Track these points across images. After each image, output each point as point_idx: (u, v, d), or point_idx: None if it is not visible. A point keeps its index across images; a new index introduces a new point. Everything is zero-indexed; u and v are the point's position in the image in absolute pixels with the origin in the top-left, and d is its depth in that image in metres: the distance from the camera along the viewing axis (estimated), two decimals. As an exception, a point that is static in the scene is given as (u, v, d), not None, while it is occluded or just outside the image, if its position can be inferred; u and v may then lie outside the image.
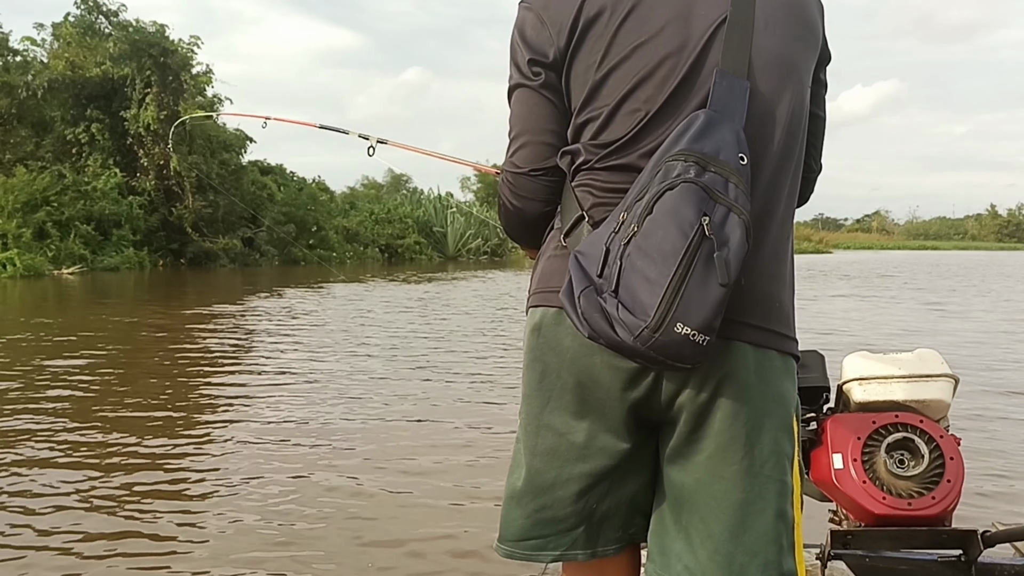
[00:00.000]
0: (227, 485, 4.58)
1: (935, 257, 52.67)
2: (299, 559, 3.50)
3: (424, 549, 3.61)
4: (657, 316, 1.14)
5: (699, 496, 1.31)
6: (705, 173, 1.19)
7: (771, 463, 1.29)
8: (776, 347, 1.31)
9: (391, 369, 8.47)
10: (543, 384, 1.38)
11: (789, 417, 1.33)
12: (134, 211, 26.63)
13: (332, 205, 37.00)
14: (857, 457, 1.89)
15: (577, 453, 1.36)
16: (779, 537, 1.29)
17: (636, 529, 1.43)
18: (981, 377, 7.65)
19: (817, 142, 1.53)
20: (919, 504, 1.83)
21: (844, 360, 2.05)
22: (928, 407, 1.95)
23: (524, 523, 1.41)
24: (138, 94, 27.46)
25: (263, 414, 6.30)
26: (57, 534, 3.76)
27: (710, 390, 1.28)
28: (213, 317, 13.27)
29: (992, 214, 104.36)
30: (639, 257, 1.18)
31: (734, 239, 1.17)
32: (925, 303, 16.82)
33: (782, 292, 1.34)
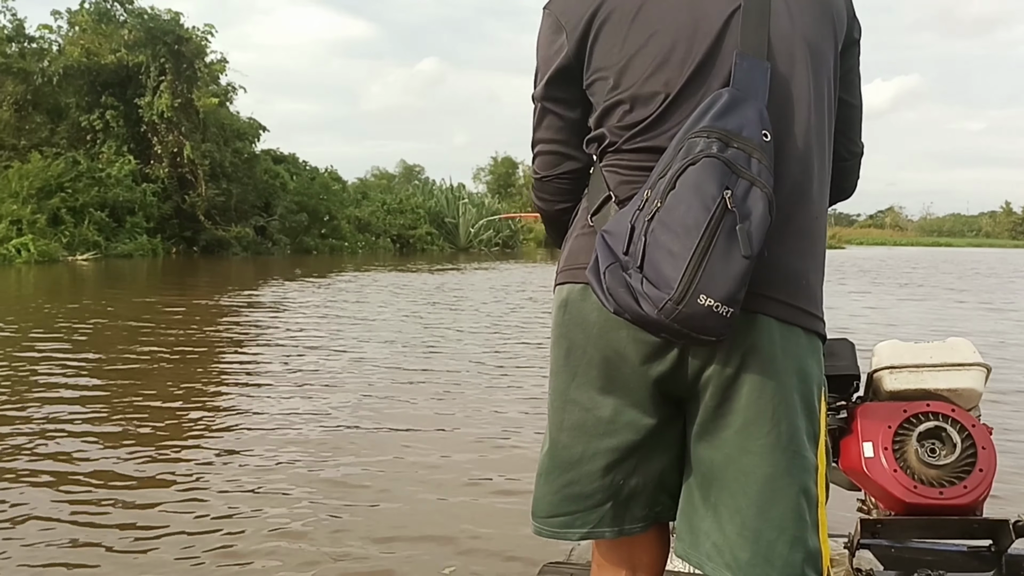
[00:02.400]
0: (238, 472, 4.59)
1: (949, 255, 52.36)
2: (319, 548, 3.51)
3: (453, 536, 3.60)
4: (680, 288, 1.16)
5: (728, 472, 1.31)
6: (728, 149, 1.20)
7: (796, 439, 1.29)
8: (802, 324, 1.31)
9: (403, 358, 8.48)
10: (569, 360, 1.40)
11: (813, 394, 1.32)
12: (148, 198, 26.73)
13: (344, 195, 37.03)
14: (888, 446, 1.87)
15: (603, 428, 1.37)
16: (804, 514, 1.29)
17: (662, 508, 1.43)
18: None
19: (850, 129, 1.54)
20: (950, 493, 1.82)
21: (875, 348, 2.04)
22: (960, 396, 1.93)
23: (552, 499, 1.43)
24: (152, 81, 27.52)
25: (273, 403, 6.30)
26: (62, 522, 3.77)
27: (736, 364, 1.28)
28: (226, 305, 13.32)
29: (1007, 211, 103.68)
30: (662, 232, 1.19)
31: (756, 212, 1.18)
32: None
33: (810, 270, 1.34)
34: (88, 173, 25.64)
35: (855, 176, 1.62)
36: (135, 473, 4.49)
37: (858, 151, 1.58)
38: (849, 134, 1.54)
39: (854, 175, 1.62)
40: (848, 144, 1.55)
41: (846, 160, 1.56)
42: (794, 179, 1.31)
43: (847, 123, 1.53)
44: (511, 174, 59.42)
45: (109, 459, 4.72)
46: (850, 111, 1.52)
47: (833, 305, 14.51)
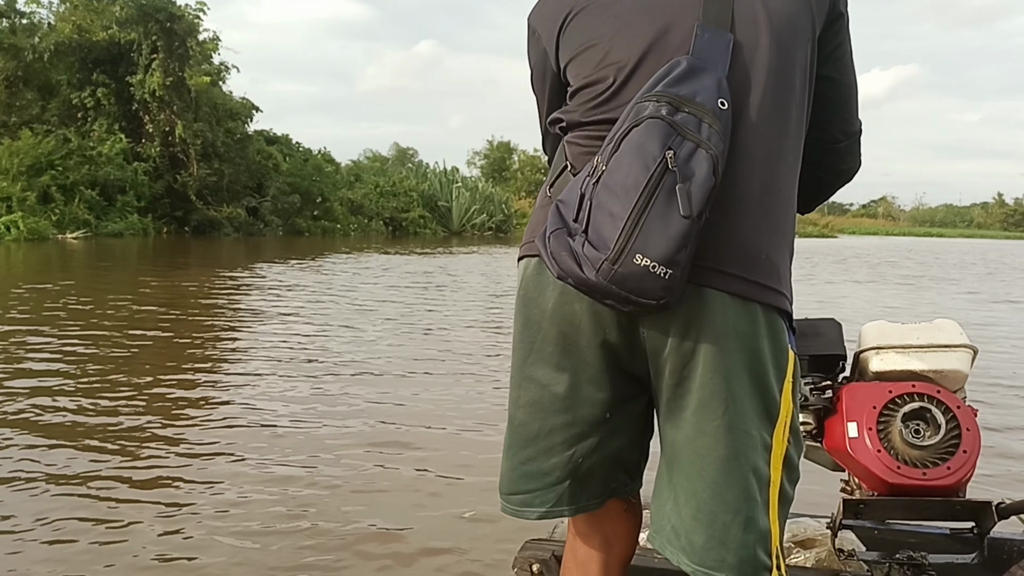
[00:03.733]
0: (228, 459, 4.57)
1: (941, 245, 52.52)
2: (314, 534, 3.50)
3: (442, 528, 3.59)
4: (616, 248, 1.15)
5: (685, 453, 1.29)
6: (678, 113, 1.19)
7: (748, 419, 1.26)
8: (760, 299, 1.27)
9: (396, 340, 8.47)
10: (525, 335, 1.39)
11: (768, 373, 1.28)
12: (139, 177, 26.54)
13: (337, 177, 36.84)
14: (872, 426, 1.86)
15: (560, 404, 1.35)
16: (755, 494, 1.27)
17: (617, 485, 1.42)
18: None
19: (843, 109, 1.50)
20: (934, 474, 1.81)
21: (862, 329, 2.03)
22: (946, 377, 1.92)
23: (512, 476, 1.42)
24: (144, 59, 27.27)
25: (264, 384, 6.29)
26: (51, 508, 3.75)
27: (691, 341, 1.25)
28: (216, 286, 13.27)
29: (999, 203, 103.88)
30: (605, 194, 1.19)
31: (700, 173, 1.16)
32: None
33: (770, 245, 1.29)
34: (79, 151, 25.42)
35: (855, 157, 1.57)
36: (119, 446, 4.48)
37: (854, 131, 1.54)
38: (843, 114, 1.50)
39: (854, 156, 1.57)
40: (842, 124, 1.51)
41: (841, 141, 1.53)
42: (753, 152, 1.28)
43: (839, 102, 1.49)
44: (506, 159, 59.24)
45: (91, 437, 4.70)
46: (841, 90, 1.48)
47: (822, 288, 14.55)
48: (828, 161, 1.55)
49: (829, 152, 1.53)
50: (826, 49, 1.42)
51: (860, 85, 1.53)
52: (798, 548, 2.07)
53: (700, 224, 1.17)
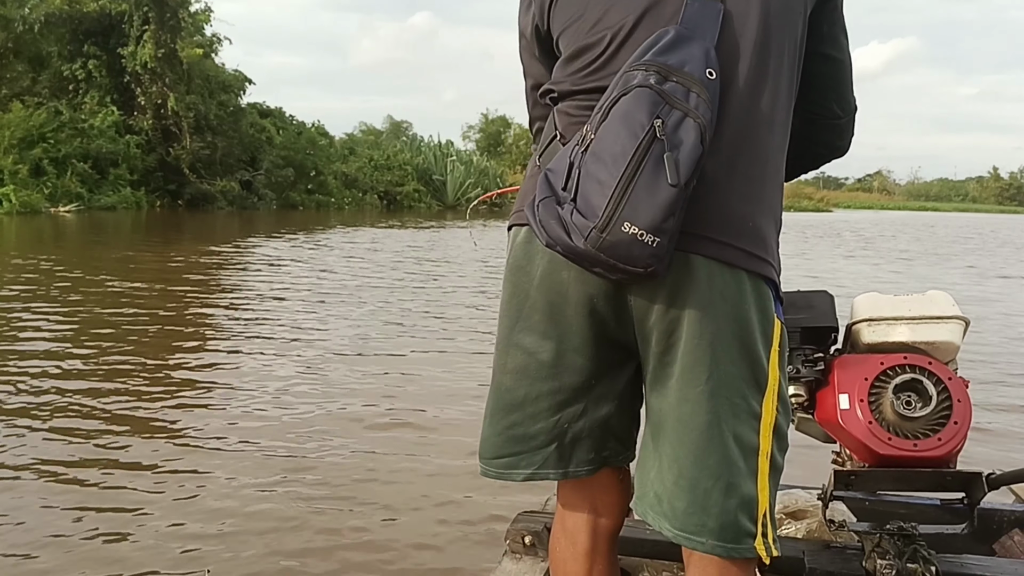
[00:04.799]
0: (220, 442, 4.58)
1: (936, 219, 52.58)
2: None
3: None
4: (605, 216, 1.15)
5: (669, 420, 1.29)
6: (666, 82, 1.19)
7: (733, 386, 1.26)
8: (746, 266, 1.27)
9: (388, 317, 8.46)
10: (512, 303, 1.39)
11: (755, 340, 1.28)
12: (131, 150, 26.39)
13: (331, 150, 36.67)
14: (864, 398, 1.86)
15: (546, 372, 1.36)
16: (738, 460, 1.27)
17: (610, 453, 1.42)
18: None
19: (840, 85, 1.51)
20: (924, 445, 1.81)
21: (854, 301, 2.02)
22: (937, 349, 1.91)
23: (496, 440, 1.43)
24: (136, 31, 27.02)
25: (255, 366, 6.27)
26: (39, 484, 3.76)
27: (677, 308, 1.26)
28: (210, 261, 13.24)
29: (994, 176, 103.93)
30: (593, 162, 1.19)
31: (688, 142, 1.17)
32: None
33: (756, 214, 1.29)
34: (71, 124, 25.25)
35: (850, 133, 1.59)
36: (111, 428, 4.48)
37: (851, 108, 1.55)
38: (839, 90, 1.52)
39: (848, 132, 1.59)
40: (840, 102, 1.53)
41: (840, 118, 1.55)
42: (741, 122, 1.28)
43: (836, 79, 1.50)
44: (502, 132, 58.97)
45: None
46: (839, 67, 1.50)
47: (816, 264, 14.57)
48: (826, 137, 1.58)
49: (828, 128, 1.56)
50: (822, 27, 1.42)
51: (858, 58, 1.52)
52: (789, 519, 2.08)
53: (688, 192, 1.17)
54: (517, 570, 1.94)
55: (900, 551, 1.83)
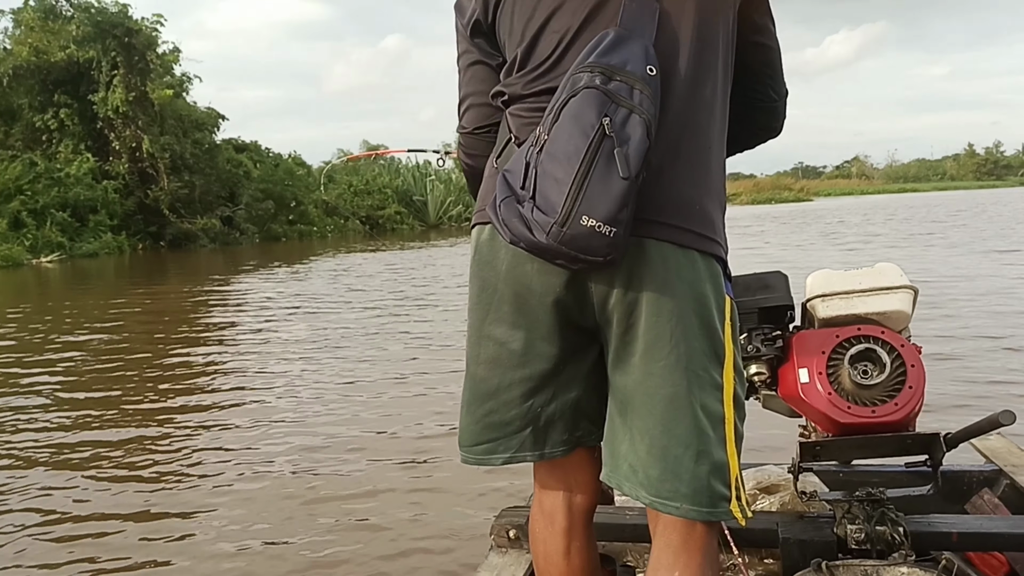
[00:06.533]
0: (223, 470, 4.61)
1: (916, 200, 52.94)
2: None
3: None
4: (564, 211, 1.22)
5: (636, 395, 1.36)
6: (611, 82, 1.27)
7: (696, 359, 1.34)
8: (697, 247, 1.35)
9: (387, 341, 8.50)
10: (482, 297, 1.46)
11: (712, 316, 1.36)
12: (109, 195, 26.31)
13: (309, 179, 36.63)
14: (822, 370, 1.92)
15: (517, 360, 1.44)
16: (707, 429, 1.34)
17: (583, 433, 1.50)
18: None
19: (772, 71, 1.61)
20: (882, 411, 1.87)
21: (808, 278, 2.08)
22: (889, 318, 1.98)
23: (474, 428, 1.50)
24: (105, 76, 27.00)
25: (258, 397, 6.32)
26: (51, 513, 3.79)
27: (635, 290, 1.33)
28: (196, 301, 13.25)
29: (970, 153, 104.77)
30: (549, 161, 1.26)
31: (635, 137, 1.24)
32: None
33: (703, 197, 1.38)
34: (47, 174, 25.18)
35: (783, 114, 1.69)
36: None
37: (784, 91, 1.65)
38: (772, 75, 1.62)
39: (782, 114, 1.69)
40: (774, 86, 1.62)
41: (775, 101, 1.64)
42: (682, 112, 1.36)
43: (768, 65, 1.60)
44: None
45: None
46: (771, 54, 1.59)
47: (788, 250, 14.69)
48: (763, 120, 1.68)
49: (764, 112, 1.66)
50: (752, 17, 1.51)
51: (830, 46, 1.61)
52: (763, 494, 2.15)
53: (639, 183, 1.25)
54: (503, 563, 2.00)
55: (869, 515, 1.90)
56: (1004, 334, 6.94)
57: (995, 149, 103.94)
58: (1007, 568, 2.09)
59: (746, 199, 69.23)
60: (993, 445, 2.58)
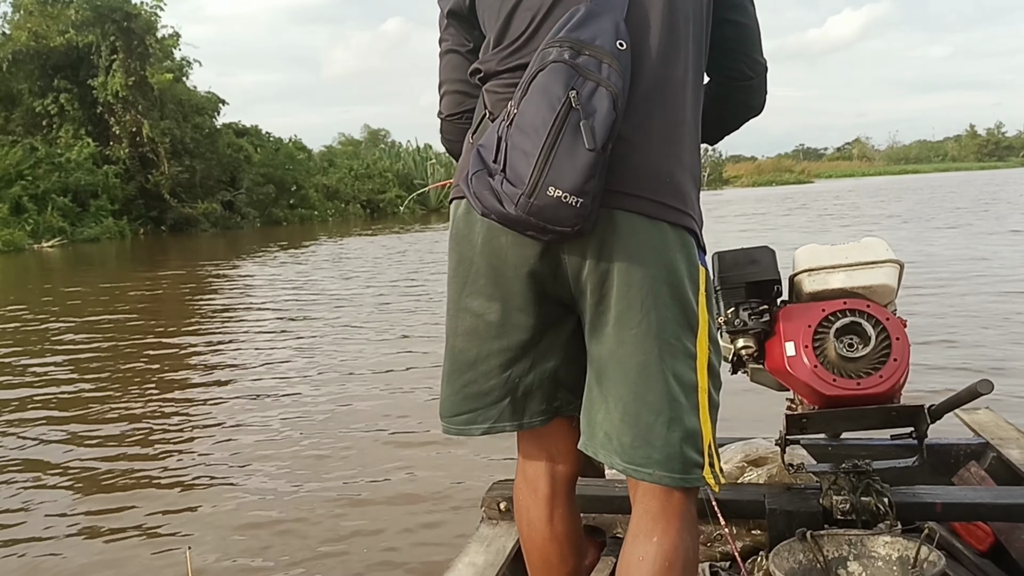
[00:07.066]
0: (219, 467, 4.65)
1: (917, 181, 52.84)
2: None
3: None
4: (531, 182, 1.25)
5: (610, 364, 1.39)
6: (580, 56, 1.29)
7: (667, 328, 1.35)
8: (668, 219, 1.37)
9: (386, 329, 8.53)
10: (459, 271, 1.49)
11: (684, 286, 1.38)
12: (110, 180, 26.35)
13: (310, 164, 36.65)
14: (808, 344, 1.93)
15: (494, 332, 1.46)
16: (679, 397, 1.36)
17: (561, 402, 1.53)
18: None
19: (749, 48, 1.61)
20: (867, 383, 1.88)
21: (795, 253, 2.10)
22: (875, 292, 1.99)
23: (454, 399, 1.53)
24: (104, 61, 26.98)
25: (256, 386, 6.32)
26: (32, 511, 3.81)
27: (607, 260, 1.35)
28: (196, 284, 13.28)
29: (971, 134, 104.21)
30: (517, 134, 1.28)
31: (601, 109, 1.26)
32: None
33: (675, 170, 1.39)
34: (47, 159, 25.22)
35: (763, 93, 1.69)
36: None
37: (761, 68, 1.64)
38: (748, 53, 1.61)
39: (762, 92, 1.68)
40: (749, 63, 1.62)
41: (751, 79, 1.64)
42: (654, 87, 1.37)
43: (745, 43, 1.60)
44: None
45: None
46: (746, 32, 1.59)
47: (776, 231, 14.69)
48: (739, 97, 1.68)
49: (739, 89, 1.66)
50: None
51: (833, 27, 1.61)
52: (751, 467, 2.18)
53: (606, 155, 1.27)
54: (494, 534, 2.03)
55: (855, 486, 1.93)
56: (989, 310, 7.01)
57: (996, 130, 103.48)
58: (992, 539, 2.12)
59: (747, 181, 69.11)
60: (981, 419, 2.61)
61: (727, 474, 2.17)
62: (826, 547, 1.79)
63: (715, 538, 2.08)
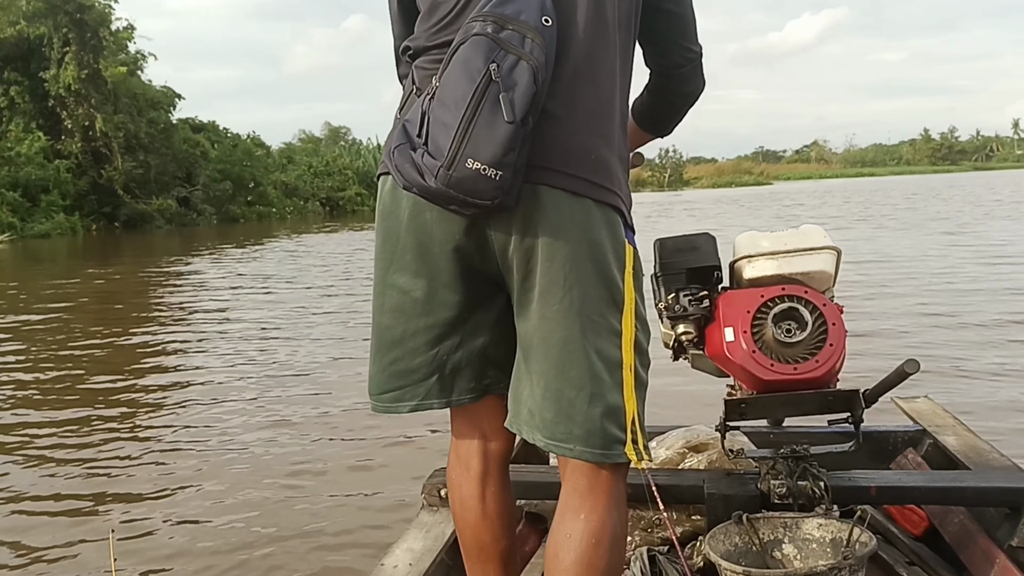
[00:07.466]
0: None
1: (873, 184, 53.78)
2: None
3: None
4: (450, 154, 1.24)
5: (534, 340, 1.38)
6: (503, 31, 1.28)
7: (590, 304, 1.35)
8: (591, 196, 1.36)
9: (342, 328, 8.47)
10: (385, 247, 1.47)
11: (608, 263, 1.37)
12: (62, 175, 25.88)
13: (269, 160, 36.32)
14: (747, 329, 1.94)
15: (420, 308, 1.45)
16: (602, 373, 1.35)
17: (491, 380, 1.51)
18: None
19: (682, 36, 1.61)
20: (804, 368, 1.89)
21: (735, 240, 2.11)
22: (813, 279, 2.01)
23: (381, 376, 1.51)
24: (56, 53, 26.50)
25: (208, 388, 6.22)
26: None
27: (531, 236, 1.34)
28: (147, 281, 13.08)
29: (926, 138, 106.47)
30: (439, 107, 1.28)
31: (522, 82, 1.26)
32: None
33: (600, 147, 1.39)
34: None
35: (698, 79, 1.68)
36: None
37: (694, 55, 1.64)
38: (682, 41, 1.61)
39: (697, 79, 1.68)
40: (683, 51, 1.62)
41: (683, 66, 1.64)
42: (581, 64, 1.37)
43: (678, 31, 1.60)
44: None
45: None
46: (678, 20, 1.59)
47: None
48: (674, 85, 1.69)
49: (674, 77, 1.66)
50: None
51: (792, 31, 1.60)
52: (692, 452, 2.18)
53: (526, 129, 1.26)
54: (433, 521, 2.02)
55: (792, 471, 1.94)
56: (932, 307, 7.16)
57: (950, 134, 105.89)
58: (927, 523, 2.15)
59: (707, 183, 69.83)
60: (919, 407, 2.65)
61: (668, 460, 2.19)
62: (762, 530, 1.80)
63: (655, 523, 2.08)
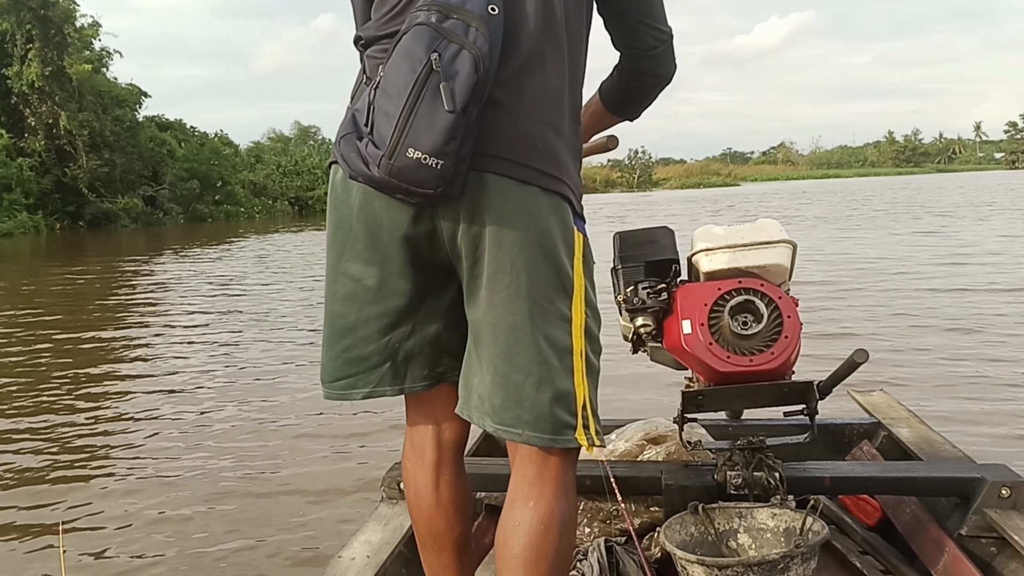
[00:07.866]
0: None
1: (838, 185, 54.40)
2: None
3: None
4: (392, 144, 1.25)
5: (483, 326, 1.38)
6: (447, 20, 1.28)
7: (538, 290, 1.35)
8: (538, 183, 1.36)
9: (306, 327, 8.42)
10: (337, 235, 1.47)
11: (557, 250, 1.38)
12: (24, 173, 25.48)
13: (237, 159, 36.01)
14: (704, 321, 1.96)
15: (372, 296, 1.45)
16: (550, 359, 1.36)
17: (444, 368, 1.52)
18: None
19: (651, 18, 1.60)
20: (759, 360, 1.92)
21: (693, 234, 2.13)
22: (768, 272, 2.03)
23: (334, 364, 1.50)
24: (20, 50, 26.11)
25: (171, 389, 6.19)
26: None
27: (479, 224, 1.35)
28: (112, 281, 12.93)
29: (890, 141, 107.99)
30: (382, 97, 1.29)
31: (463, 71, 1.26)
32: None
33: (548, 135, 1.39)
34: (-43, 151, 24.27)
35: (670, 61, 1.66)
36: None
37: (665, 37, 1.62)
38: (650, 23, 1.60)
39: (669, 60, 1.66)
40: (654, 33, 1.60)
41: (656, 48, 1.62)
42: (527, 53, 1.37)
43: (645, 13, 1.59)
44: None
45: None
46: (645, 4, 1.58)
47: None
48: (647, 67, 1.66)
49: (646, 59, 1.64)
50: None
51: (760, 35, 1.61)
52: (650, 444, 2.20)
53: (468, 118, 1.27)
54: (392, 513, 2.02)
55: (748, 462, 1.97)
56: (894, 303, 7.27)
57: (913, 137, 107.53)
58: (880, 514, 2.19)
59: (675, 184, 70.23)
60: (875, 400, 2.69)
61: (627, 452, 2.20)
62: (717, 520, 1.82)
63: (613, 515, 2.10)
